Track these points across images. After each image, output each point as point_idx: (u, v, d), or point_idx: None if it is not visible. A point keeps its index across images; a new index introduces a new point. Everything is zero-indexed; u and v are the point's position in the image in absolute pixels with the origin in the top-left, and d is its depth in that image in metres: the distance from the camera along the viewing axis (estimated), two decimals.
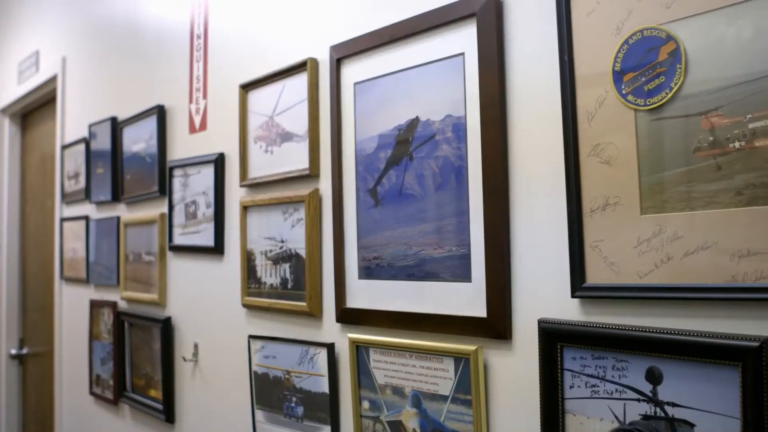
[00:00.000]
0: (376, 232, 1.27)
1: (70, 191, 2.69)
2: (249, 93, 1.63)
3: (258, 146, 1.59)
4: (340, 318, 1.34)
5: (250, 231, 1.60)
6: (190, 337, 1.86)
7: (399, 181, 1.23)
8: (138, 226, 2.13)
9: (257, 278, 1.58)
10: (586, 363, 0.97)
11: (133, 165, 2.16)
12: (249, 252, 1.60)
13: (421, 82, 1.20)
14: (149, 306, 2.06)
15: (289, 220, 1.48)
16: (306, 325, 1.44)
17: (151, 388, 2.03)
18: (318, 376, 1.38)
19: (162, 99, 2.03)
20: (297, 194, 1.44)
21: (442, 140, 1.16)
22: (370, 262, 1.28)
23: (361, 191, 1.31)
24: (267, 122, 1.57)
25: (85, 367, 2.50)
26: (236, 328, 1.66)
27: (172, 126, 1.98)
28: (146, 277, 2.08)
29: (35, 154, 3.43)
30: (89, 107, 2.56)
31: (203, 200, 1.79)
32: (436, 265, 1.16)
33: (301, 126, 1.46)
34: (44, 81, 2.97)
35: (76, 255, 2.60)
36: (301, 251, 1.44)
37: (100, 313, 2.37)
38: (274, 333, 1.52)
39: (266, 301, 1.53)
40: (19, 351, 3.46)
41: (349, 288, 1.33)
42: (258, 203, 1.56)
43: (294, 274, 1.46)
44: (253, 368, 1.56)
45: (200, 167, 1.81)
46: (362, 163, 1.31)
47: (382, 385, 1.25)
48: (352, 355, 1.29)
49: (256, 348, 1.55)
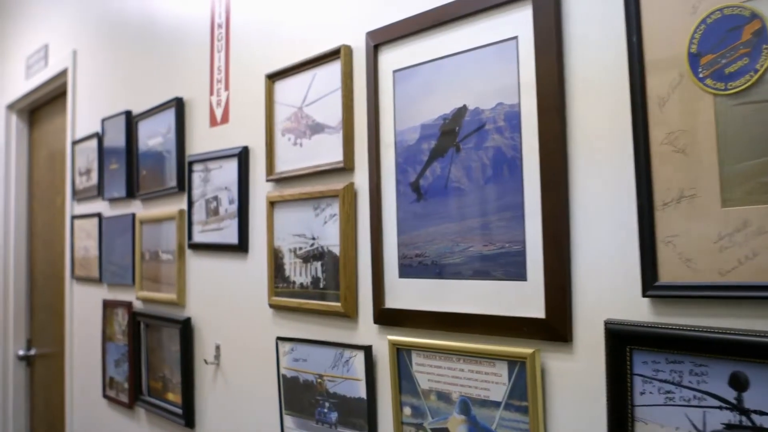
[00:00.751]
0: (419, 228, 1.21)
1: (81, 188, 2.63)
2: (276, 83, 1.57)
3: (286, 139, 1.53)
4: (378, 319, 1.28)
5: (278, 228, 1.54)
6: (211, 339, 1.80)
7: (444, 173, 1.17)
8: (154, 224, 2.06)
9: (285, 277, 1.51)
10: (659, 367, 0.90)
11: (149, 160, 2.10)
12: (276, 250, 1.54)
13: (468, 68, 1.14)
14: (167, 306, 2.00)
15: (320, 215, 1.42)
16: (340, 327, 1.37)
17: (168, 391, 1.97)
18: (354, 381, 1.31)
19: (180, 91, 1.96)
20: (330, 188, 1.38)
21: (493, 130, 1.10)
22: (412, 260, 1.22)
23: (401, 185, 1.24)
24: (296, 113, 1.50)
25: (98, 370, 2.44)
26: (262, 330, 1.60)
27: (191, 119, 1.92)
28: (163, 276, 2.01)
29: (43, 151, 3.37)
30: (101, 101, 2.50)
31: (226, 196, 1.73)
32: (487, 263, 1.10)
33: (334, 117, 1.40)
34: (54, 75, 2.91)
35: (88, 254, 2.54)
36: (334, 249, 1.38)
37: (114, 313, 2.31)
38: (305, 335, 1.45)
39: (296, 301, 1.47)
40: (26, 352, 3.40)
41: (388, 287, 1.26)
42: (286, 198, 1.50)
43: (326, 273, 1.40)
44: (282, 371, 1.50)
45: (222, 161, 1.74)
46: (403, 155, 1.24)
47: (426, 390, 1.18)
48: (393, 358, 1.23)
49: (284, 350, 1.49)
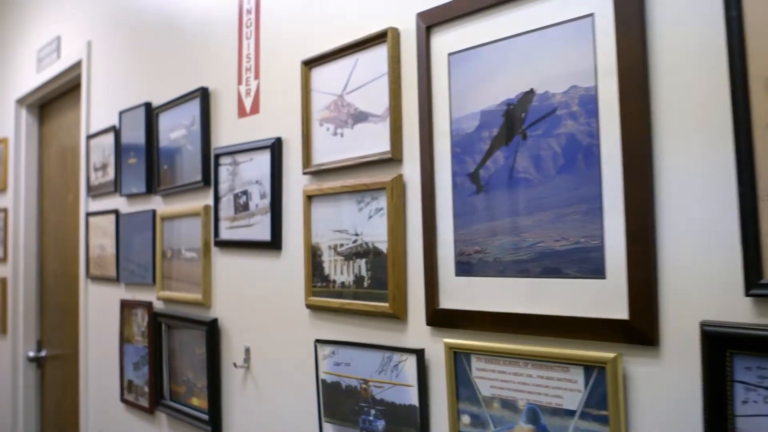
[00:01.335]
0: (479, 222, 1.13)
1: (96, 184, 2.55)
2: (312, 70, 1.49)
3: (324, 129, 1.45)
4: (432, 320, 1.20)
5: (316, 223, 1.46)
6: (240, 341, 1.72)
7: (508, 163, 1.09)
8: (177, 220, 1.99)
9: (324, 276, 1.43)
10: (765, 374, 0.82)
11: (171, 154, 2.02)
12: (314, 247, 1.46)
13: (536, 49, 1.06)
14: (191, 307, 1.92)
15: (365, 210, 1.34)
16: (387, 329, 1.29)
17: (193, 396, 1.89)
18: (404, 387, 1.23)
19: (205, 81, 1.88)
20: (376, 181, 1.30)
21: (566, 115, 1.02)
22: (471, 257, 1.14)
23: (458, 176, 1.16)
24: (335, 102, 1.43)
25: (115, 372, 2.36)
26: (298, 332, 1.52)
27: (217, 110, 1.84)
28: (187, 275, 1.93)
29: (54, 147, 3.29)
30: (118, 94, 2.42)
31: (257, 190, 1.65)
32: (558, 260, 1.02)
33: (380, 104, 1.32)
34: (67, 67, 2.83)
35: (104, 252, 2.46)
36: (380, 245, 1.30)
37: (133, 314, 2.23)
38: (348, 337, 1.37)
39: (337, 301, 1.39)
40: (37, 353, 3.33)
41: (443, 286, 1.18)
42: (326, 192, 1.42)
43: (372, 271, 1.32)
44: (321, 376, 1.42)
45: (253, 154, 1.66)
46: (460, 144, 1.16)
47: (488, 397, 1.10)
48: (449, 362, 1.15)
49: (324, 354, 1.41)
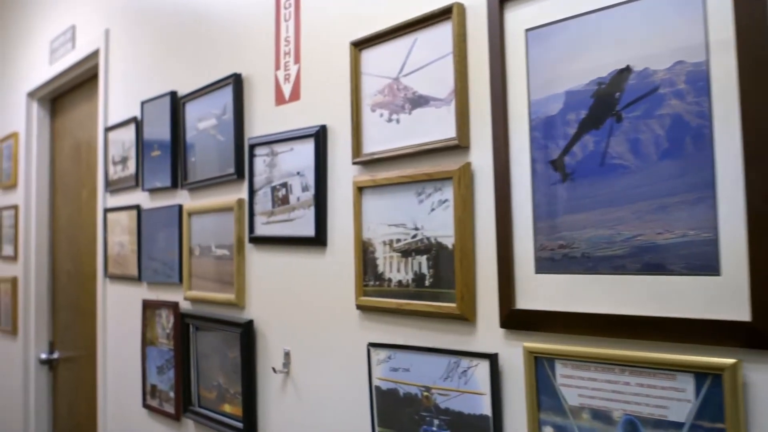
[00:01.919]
0: (563, 213, 1.03)
1: (115, 178, 2.46)
2: (363, 52, 1.39)
3: (377, 115, 1.36)
4: (507, 322, 1.10)
5: (368, 217, 1.36)
6: (278, 344, 1.62)
7: (600, 148, 0.99)
8: (206, 215, 1.89)
9: (378, 274, 1.34)
10: None
11: (199, 145, 1.93)
12: (365, 242, 1.36)
13: (633, 22, 0.96)
14: (223, 307, 1.82)
15: (426, 202, 1.24)
16: (453, 332, 1.20)
17: (225, 402, 1.80)
18: (474, 395, 1.14)
19: (237, 67, 1.79)
20: (440, 170, 1.20)
21: (670, 94, 0.92)
22: (554, 252, 1.04)
23: (538, 163, 1.07)
24: (390, 85, 1.33)
25: (137, 376, 2.27)
26: (346, 334, 1.42)
27: (252, 98, 1.74)
28: (217, 273, 1.84)
29: (67, 141, 3.20)
30: (139, 83, 2.33)
31: (298, 182, 1.55)
32: (661, 254, 0.92)
33: (443, 87, 1.22)
34: (83, 57, 2.74)
35: (124, 250, 2.37)
36: (445, 240, 1.20)
37: (156, 314, 2.14)
38: (406, 340, 1.28)
39: (393, 301, 1.29)
40: (49, 355, 3.24)
41: (520, 285, 1.09)
42: (380, 183, 1.32)
43: (434, 269, 1.22)
44: (375, 383, 1.32)
45: (293, 143, 1.57)
46: (540, 128, 1.07)
47: (576, 407, 1.00)
48: (529, 368, 1.05)
49: (379, 358, 1.31)
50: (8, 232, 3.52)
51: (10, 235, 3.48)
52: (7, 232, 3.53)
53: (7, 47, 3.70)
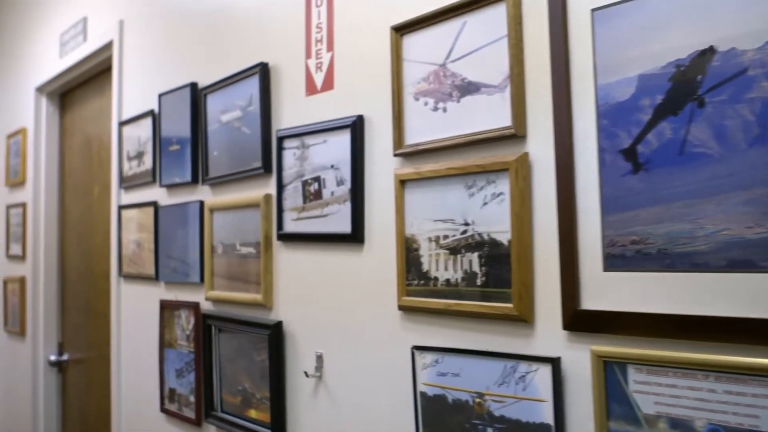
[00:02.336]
0: (636, 207, 0.96)
1: (130, 174, 2.40)
2: (405, 37, 1.33)
3: (421, 103, 1.29)
4: (571, 324, 1.03)
5: (411, 212, 1.30)
6: (309, 347, 1.56)
7: (678, 136, 0.92)
8: (230, 212, 1.83)
9: (423, 272, 1.27)
10: None
11: (222, 138, 1.86)
12: (408, 239, 1.30)
13: None
14: (248, 308, 1.76)
15: (477, 195, 1.17)
16: (509, 334, 1.13)
17: (250, 407, 1.73)
18: (533, 401, 1.07)
19: (263, 56, 1.73)
20: (494, 161, 1.14)
21: (761, 75, 0.85)
22: (626, 248, 0.97)
23: (607, 153, 1.00)
24: (436, 72, 1.26)
25: (153, 380, 2.20)
26: (386, 337, 1.36)
27: (280, 88, 1.68)
28: (242, 272, 1.78)
29: (77, 137, 3.14)
30: (155, 75, 2.27)
31: (332, 176, 1.49)
32: (751, 250, 0.85)
33: (496, 73, 1.15)
34: (95, 50, 2.68)
35: (140, 248, 2.31)
36: (499, 236, 1.13)
37: (175, 315, 2.08)
38: (454, 343, 1.21)
39: (440, 302, 1.23)
40: (58, 357, 3.18)
41: (586, 284, 1.02)
42: (425, 176, 1.26)
43: (487, 267, 1.15)
44: (420, 388, 1.25)
45: (327, 135, 1.50)
46: (608, 114, 1.00)
47: (651, 415, 0.94)
48: (598, 373, 0.98)
49: (424, 362, 1.24)
50: (16, 231, 3.46)
51: (18, 233, 3.42)
52: (15, 230, 3.47)
53: (15, 41, 3.64)
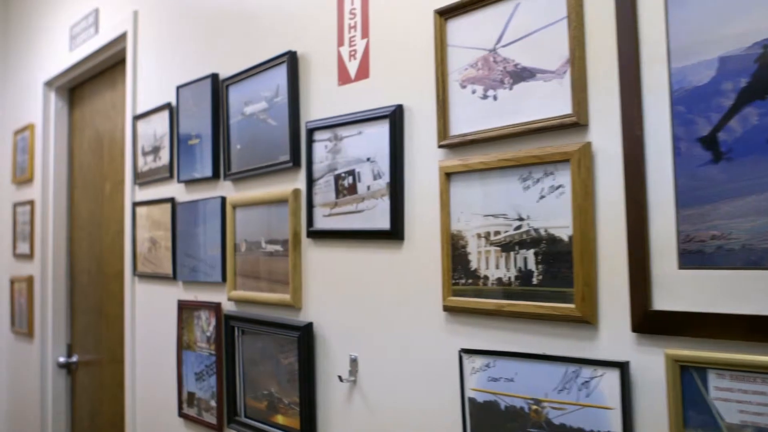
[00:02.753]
0: (716, 199, 0.90)
1: (145, 170, 2.34)
2: (449, 22, 1.26)
3: (468, 92, 1.23)
4: (641, 326, 0.97)
5: (457, 206, 1.23)
6: (342, 350, 1.50)
7: (766, 122, 0.86)
8: (254, 208, 1.77)
9: (471, 271, 1.21)
10: None
11: (246, 131, 1.80)
12: (454, 235, 1.24)
13: None
14: (275, 309, 1.70)
15: (533, 188, 1.11)
16: (568, 336, 1.07)
17: (277, 413, 1.67)
18: (598, 409, 1.01)
19: (291, 45, 1.66)
20: (553, 151, 1.07)
21: None
22: (704, 244, 0.91)
23: (682, 141, 0.94)
24: (485, 58, 1.20)
25: (170, 383, 2.14)
26: (430, 339, 1.29)
27: (309, 78, 1.62)
28: (268, 271, 1.71)
29: (87, 133, 3.09)
30: (172, 67, 2.21)
31: (368, 169, 1.42)
32: None
33: (553, 57, 1.09)
34: (107, 42, 2.62)
35: (156, 246, 2.25)
36: (558, 231, 1.07)
37: (194, 316, 2.02)
38: (507, 346, 1.15)
39: (491, 302, 1.16)
40: (67, 359, 3.12)
41: (659, 282, 0.96)
42: (474, 168, 1.20)
43: (545, 264, 1.09)
44: (468, 394, 1.19)
45: (362, 126, 1.44)
46: (684, 100, 0.94)
47: (735, 425, 0.87)
48: (673, 379, 0.92)
49: (474, 367, 1.18)
50: (23, 229, 3.40)
51: (26, 231, 3.37)
52: (23, 228, 3.41)
53: (23, 35, 3.58)
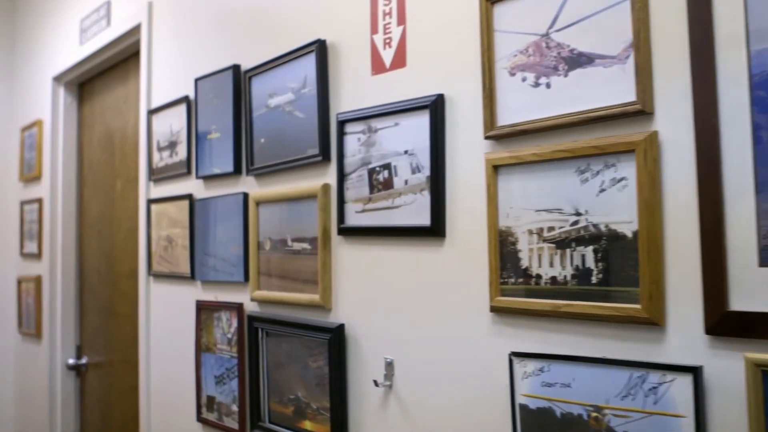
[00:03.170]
0: None
1: (161, 166, 2.28)
2: (496, 6, 1.21)
3: (518, 79, 1.17)
4: (717, 328, 0.91)
5: (506, 201, 1.18)
6: (376, 352, 1.44)
7: None
8: (279, 204, 1.71)
9: (521, 269, 1.15)
10: None
11: (270, 124, 1.75)
12: (503, 231, 1.18)
13: None
14: (302, 309, 1.64)
15: (592, 181, 1.05)
16: (633, 339, 1.01)
17: (305, 418, 1.61)
18: (668, 417, 0.95)
19: (319, 33, 1.61)
20: (615, 141, 1.01)
21: None
22: None
23: (763, 130, 0.88)
24: (536, 43, 1.14)
25: (189, 386, 2.09)
26: (475, 342, 1.24)
27: (339, 68, 1.56)
28: (295, 270, 1.66)
29: (97, 129, 3.03)
30: (190, 59, 2.15)
31: (406, 162, 1.37)
32: None
33: (615, 41, 1.03)
34: (120, 35, 2.57)
35: (173, 245, 2.19)
36: (620, 227, 1.01)
37: (214, 317, 1.96)
38: (563, 349, 1.09)
39: (546, 302, 1.11)
40: (77, 361, 3.07)
41: (736, 281, 0.90)
42: (525, 160, 1.14)
43: (605, 262, 1.03)
44: (519, 400, 1.13)
45: (399, 117, 1.38)
46: (765, 85, 0.88)
47: None
48: (754, 385, 0.86)
49: (526, 371, 1.12)
50: (31, 228, 3.35)
51: (33, 230, 3.32)
52: (30, 227, 3.36)
53: (31, 29, 3.53)
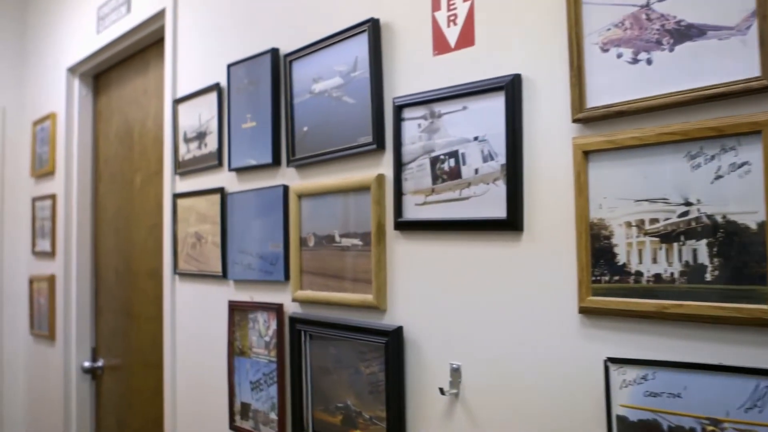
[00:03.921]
0: None
1: (188, 158, 2.19)
2: None
3: (612, 55, 1.07)
4: None
5: (598, 190, 1.08)
6: (440, 357, 1.34)
7: None
8: (325, 197, 1.62)
9: (618, 266, 1.05)
10: None
11: (314, 111, 1.65)
12: (595, 224, 1.08)
13: None
14: (352, 310, 1.54)
15: (706, 167, 0.96)
16: (759, 343, 0.91)
17: (355, 428, 1.52)
18: None
19: (371, 11, 1.51)
20: (737, 122, 0.92)
21: None
22: None
23: None
24: (635, 15, 1.05)
25: (220, 392, 2.00)
26: (560, 346, 1.14)
27: (394, 49, 1.47)
28: (344, 269, 1.56)
29: (114, 122, 2.94)
30: (220, 44, 2.06)
31: (476, 149, 1.27)
32: None
33: (732, 11, 0.94)
34: (142, 21, 2.48)
35: (202, 242, 2.10)
36: (741, 218, 0.92)
37: (249, 319, 1.87)
38: (672, 355, 0.99)
39: (650, 302, 1.01)
40: (92, 363, 2.98)
41: None
42: (621, 144, 1.04)
43: (722, 258, 0.93)
44: (617, 411, 1.03)
45: (467, 100, 1.29)
46: None
47: None
48: None
49: (625, 379, 1.03)
50: (43, 225, 3.27)
51: (47, 228, 3.23)
52: (42, 224, 3.28)
53: (45, 18, 3.45)
